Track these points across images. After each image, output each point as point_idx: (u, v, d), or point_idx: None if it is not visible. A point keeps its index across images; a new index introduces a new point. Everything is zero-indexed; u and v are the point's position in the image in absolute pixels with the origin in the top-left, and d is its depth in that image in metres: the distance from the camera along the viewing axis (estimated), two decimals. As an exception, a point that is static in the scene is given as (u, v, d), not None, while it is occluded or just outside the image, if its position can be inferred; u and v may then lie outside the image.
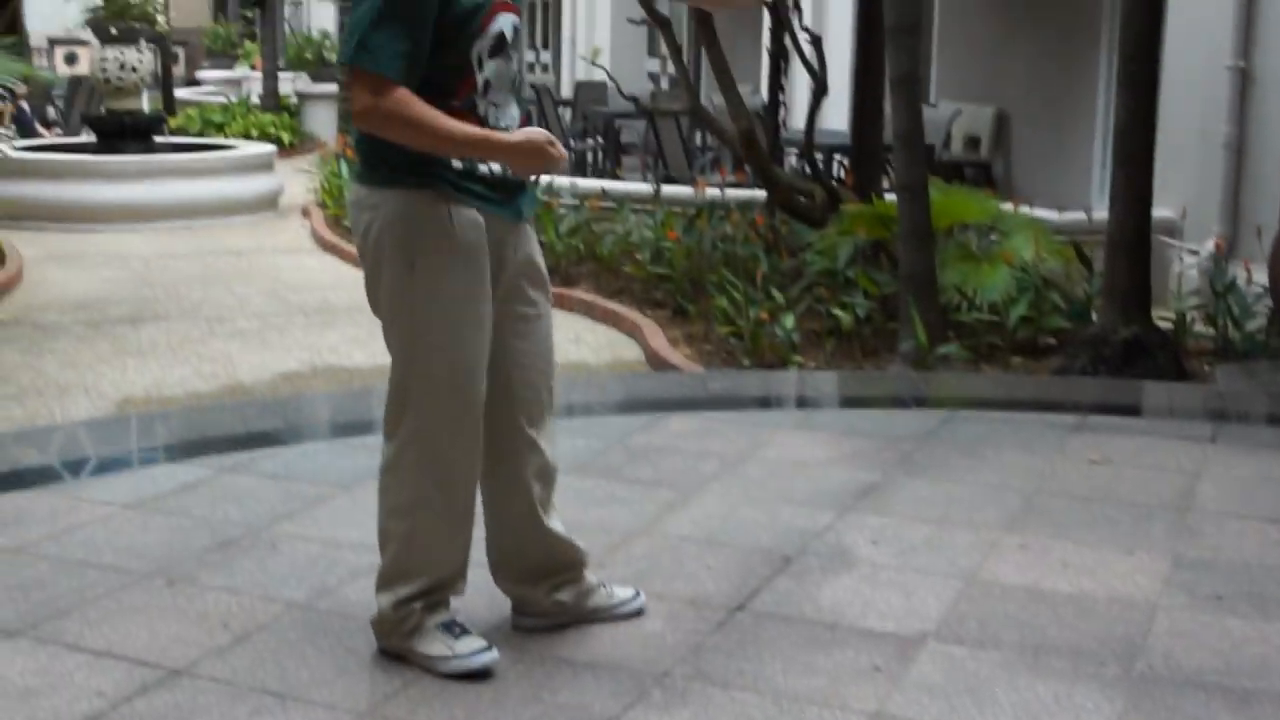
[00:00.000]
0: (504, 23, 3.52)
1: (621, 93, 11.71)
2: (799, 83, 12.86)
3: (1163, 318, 8.15)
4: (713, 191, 10.66)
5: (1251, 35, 9.59)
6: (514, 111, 3.60)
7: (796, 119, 13.70)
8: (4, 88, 8.55)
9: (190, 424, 6.18)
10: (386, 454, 3.62)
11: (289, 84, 23.24)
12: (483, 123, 3.49)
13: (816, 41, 9.61)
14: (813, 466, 5.46)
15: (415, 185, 3.46)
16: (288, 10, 33.87)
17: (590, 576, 3.93)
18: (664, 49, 11.78)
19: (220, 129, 19.82)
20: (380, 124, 3.36)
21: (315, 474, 5.25)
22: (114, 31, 14.43)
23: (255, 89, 23.32)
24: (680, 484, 5.19)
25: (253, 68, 27.08)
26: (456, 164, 3.48)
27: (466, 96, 3.49)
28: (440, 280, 3.46)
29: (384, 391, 3.58)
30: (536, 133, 3.49)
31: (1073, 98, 14.58)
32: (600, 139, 16.47)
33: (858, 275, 8.48)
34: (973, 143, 15.64)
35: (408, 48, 3.34)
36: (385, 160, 3.46)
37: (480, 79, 3.50)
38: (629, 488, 5.13)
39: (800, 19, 9.90)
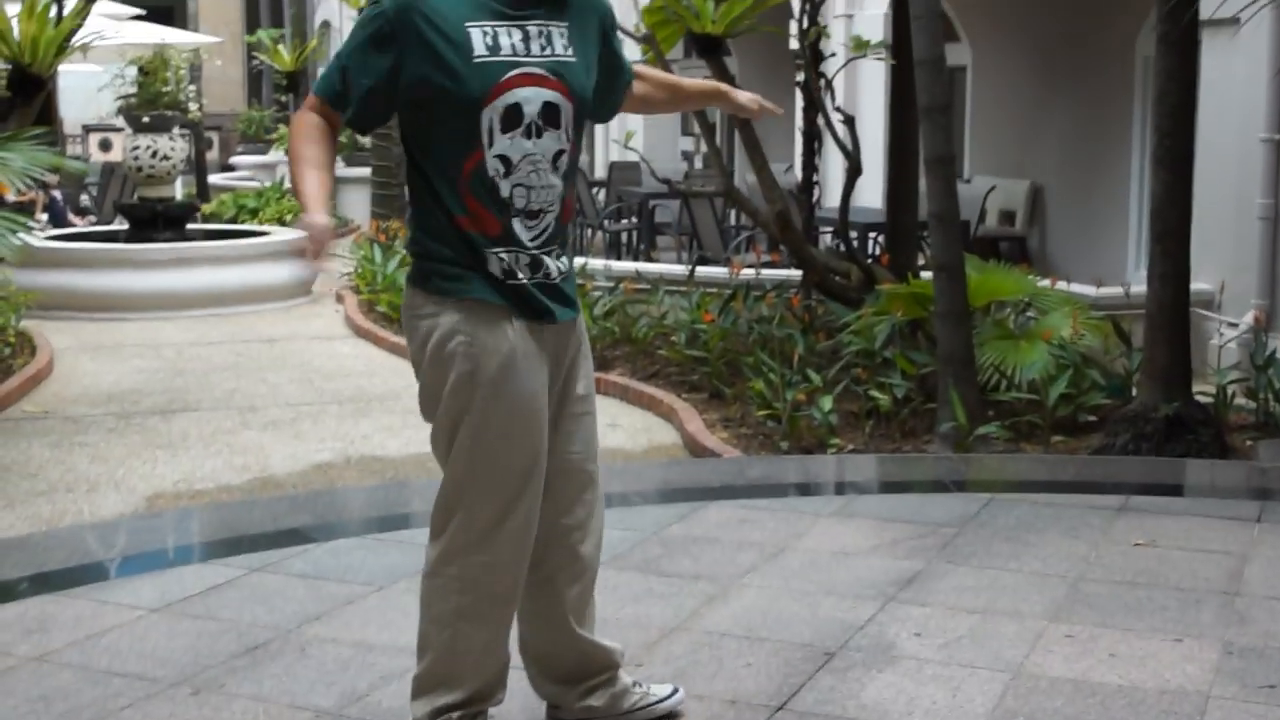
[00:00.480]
0: (525, 96, 3.41)
1: (655, 175, 11.67)
2: (833, 161, 12.82)
3: (1202, 393, 8.03)
4: (748, 272, 10.59)
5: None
6: (552, 195, 3.49)
7: (831, 197, 13.65)
8: (34, 179, 8.54)
9: (219, 521, 6.11)
10: (431, 558, 3.52)
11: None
12: (506, 206, 3.42)
13: (850, 121, 9.55)
14: (853, 556, 5.36)
15: (472, 295, 3.41)
16: (321, 94, 34.15)
17: (625, 677, 3.82)
18: (697, 127, 11.74)
19: (254, 214, 19.88)
20: (290, 131, 3.54)
21: (346, 572, 5.17)
22: (146, 119, 14.48)
23: (289, 172, 23.44)
24: (719, 576, 5.09)
25: (286, 151, 27.20)
26: (497, 272, 3.42)
27: (474, 173, 3.41)
28: (500, 390, 3.41)
29: (416, 484, 3.52)
30: (316, 227, 3.40)
31: (1107, 170, 14.52)
32: (635, 219, 16.45)
33: (895, 356, 8.39)
34: (1008, 217, 15.58)
35: (349, 79, 3.44)
36: (436, 271, 3.44)
37: (490, 155, 3.41)
38: (666, 582, 5.03)
39: (833, 98, 9.85)
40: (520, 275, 3.44)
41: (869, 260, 11.33)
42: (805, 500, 6.40)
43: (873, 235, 12.97)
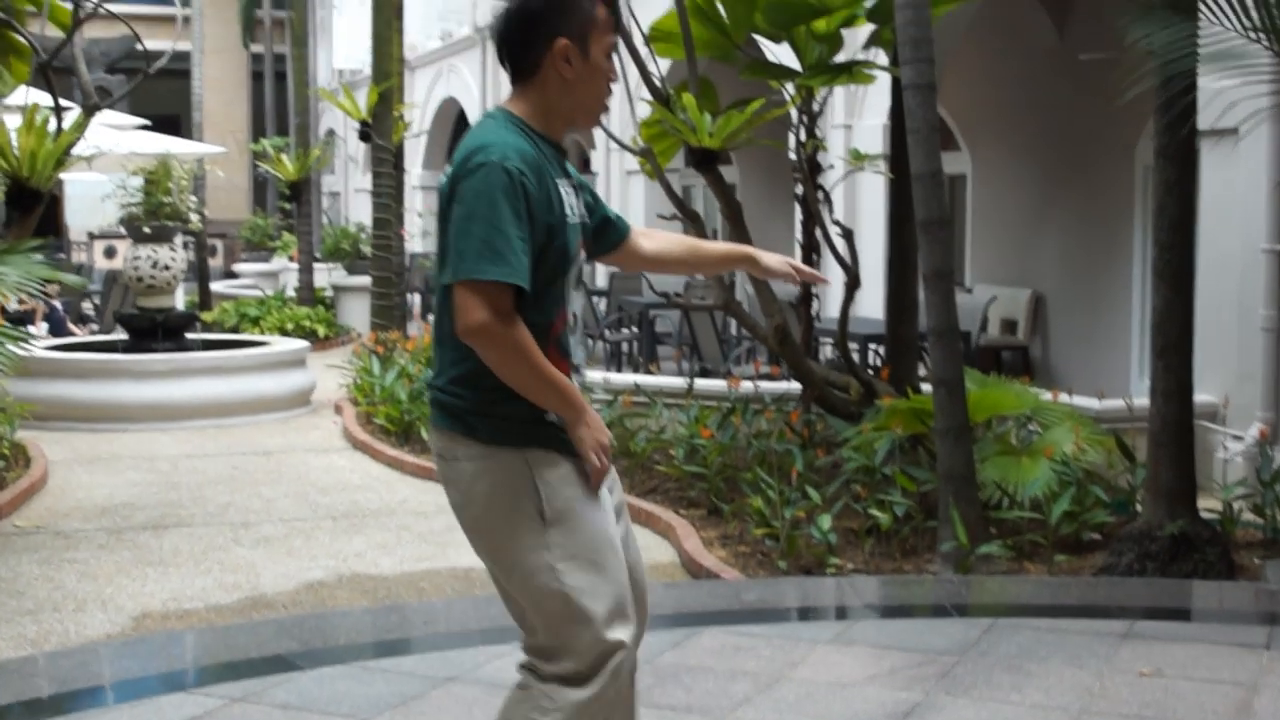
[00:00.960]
0: (580, 256, 3.51)
1: (652, 288, 11.63)
2: (831, 272, 12.78)
3: (1208, 509, 7.92)
4: (747, 384, 10.50)
5: (1288, 218, 9.47)
6: (582, 352, 3.53)
7: (830, 307, 13.61)
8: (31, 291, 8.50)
9: (203, 646, 5.99)
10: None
11: (325, 275, 23.38)
12: (568, 358, 3.42)
13: (848, 235, 9.51)
14: (850, 687, 5.22)
15: (525, 440, 3.37)
16: (325, 201, 34.35)
17: None
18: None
19: (255, 323, 19.88)
20: (491, 345, 3.24)
21: (330, 703, 5.04)
22: (147, 230, 14.47)
23: (292, 281, 23.46)
24: (711, 709, 4.96)
25: (290, 259, 27.30)
26: (553, 416, 3.38)
27: (562, 330, 3.39)
28: (573, 525, 3.36)
29: (406, 608, 3.42)
30: (600, 423, 3.39)
31: (1109, 278, 14.49)
32: (635, 329, 16.40)
33: (895, 473, 8.28)
34: (1010, 326, 15.54)
35: (516, 254, 3.23)
36: (490, 412, 3.36)
37: (570, 312, 3.41)
38: (658, 714, 4.90)
39: (831, 211, 9.82)
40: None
41: (870, 372, 11.25)
42: (803, 626, 6.28)
43: (873, 346, 12.90)
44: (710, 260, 4.05)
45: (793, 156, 9.84)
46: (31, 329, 17.20)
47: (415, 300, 22.03)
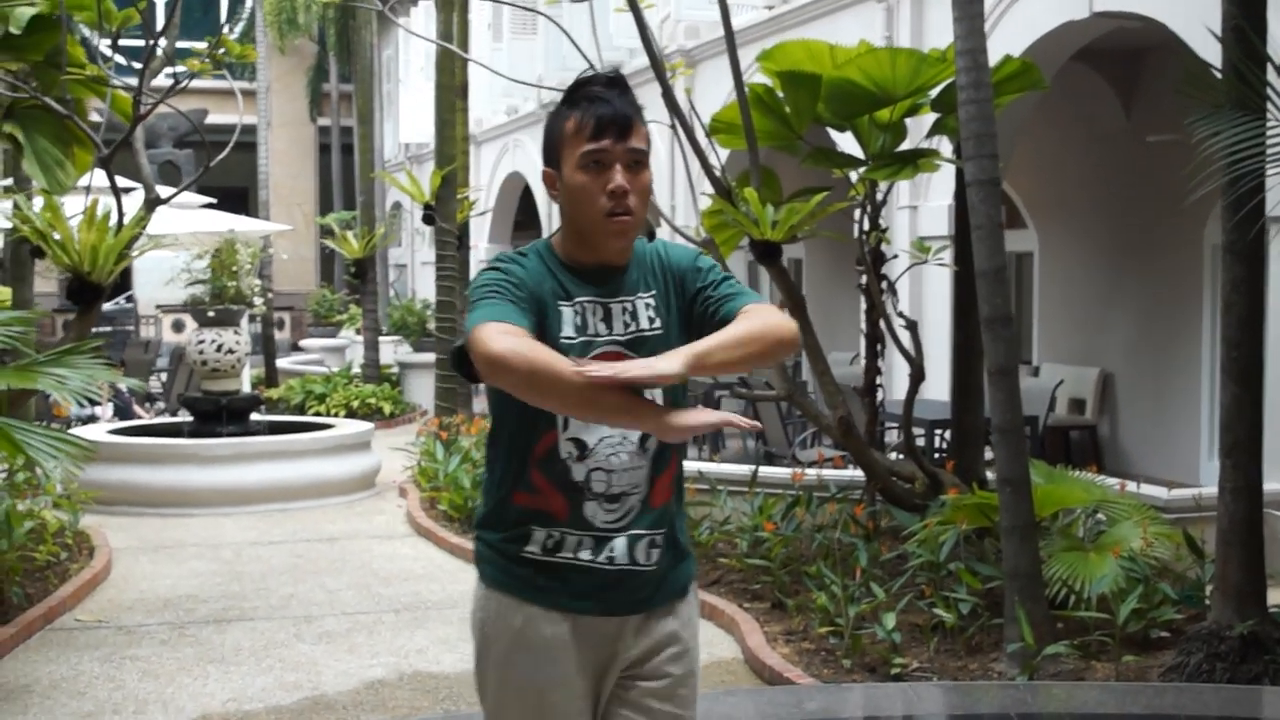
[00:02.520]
0: None
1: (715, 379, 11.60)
2: (897, 357, 12.72)
3: (1275, 606, 7.77)
4: (810, 474, 10.43)
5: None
6: (637, 477, 3.34)
7: (895, 391, 13.52)
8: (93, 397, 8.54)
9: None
10: None
11: (391, 350, 23.48)
12: (579, 489, 3.29)
13: (912, 327, 9.46)
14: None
15: (493, 583, 3.39)
16: (391, 274, 34.55)
17: None
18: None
19: (321, 400, 19.97)
20: (505, 370, 3.04)
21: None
22: (211, 314, 14.59)
23: (358, 355, 23.58)
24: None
25: (356, 332, 27.49)
26: (536, 548, 3.32)
27: (548, 454, 3.29)
28: (502, 683, 3.39)
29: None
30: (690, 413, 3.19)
31: (1177, 357, 14.37)
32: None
33: (960, 570, 8.18)
34: (1077, 405, 15.42)
35: (517, 309, 3.18)
36: (482, 555, 3.43)
37: (564, 438, 3.28)
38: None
39: (896, 301, 9.77)
40: (566, 552, 3.31)
41: (936, 456, 11.17)
42: (866, 738, 6.18)
43: (938, 431, 12.81)
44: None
45: (857, 244, 9.81)
46: (98, 410, 17.35)
47: (480, 380, 22.05)
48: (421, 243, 32.98)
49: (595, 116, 3.26)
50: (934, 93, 9.47)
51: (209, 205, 21.50)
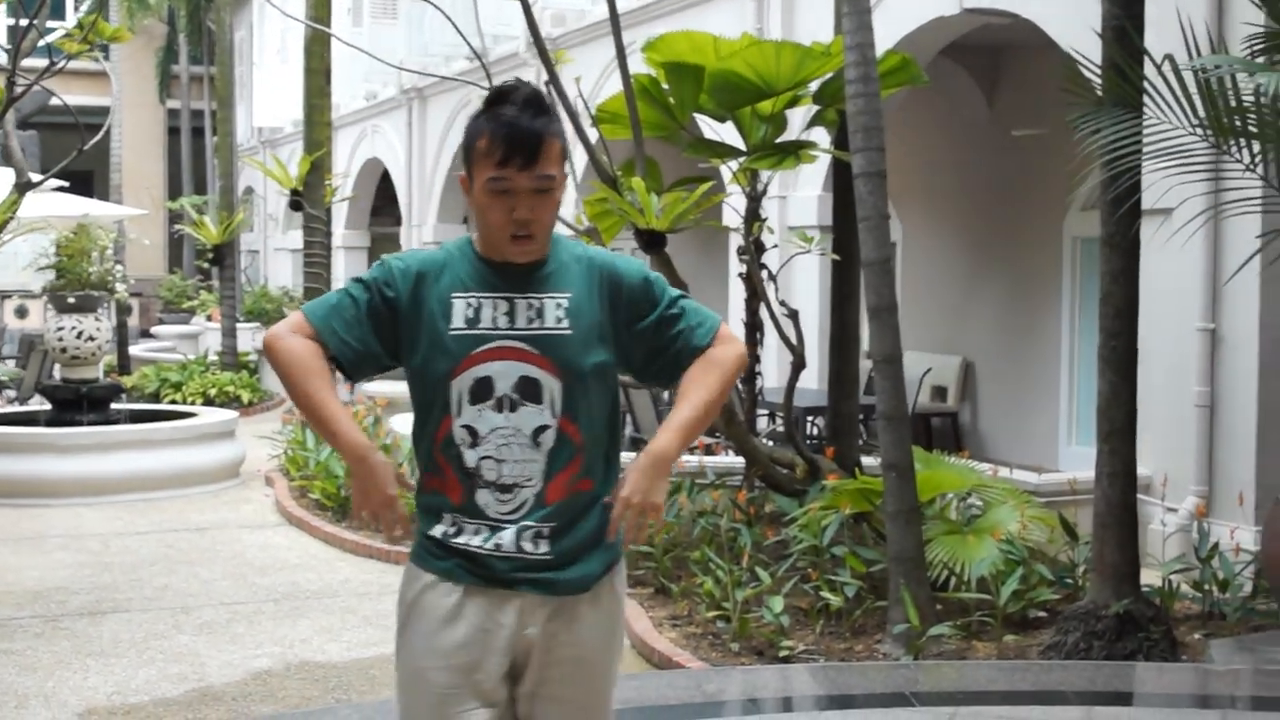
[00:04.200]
0: (497, 370, 3.37)
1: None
2: (771, 347, 12.85)
3: (1146, 584, 8.00)
4: (690, 460, 10.50)
5: (1218, 297, 9.63)
6: (530, 470, 3.40)
7: (768, 380, 13.65)
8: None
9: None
10: None
11: (248, 338, 23.16)
12: (472, 475, 3.38)
13: (794, 315, 9.57)
14: (823, 788, 5.22)
15: (411, 557, 3.52)
16: (244, 260, 34.06)
17: None
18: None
19: (178, 388, 19.63)
20: (267, 350, 3.44)
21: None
22: (71, 300, 14.29)
23: (213, 343, 23.20)
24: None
25: (208, 318, 27.07)
26: (435, 531, 3.43)
27: (445, 439, 3.39)
28: (403, 651, 3.51)
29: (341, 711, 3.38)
30: (381, 475, 3.38)
31: (1038, 345, 14.67)
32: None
33: (845, 555, 8.31)
34: (939, 392, 15.68)
35: (337, 313, 3.42)
36: (413, 534, 3.52)
37: (458, 424, 3.37)
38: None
39: (777, 290, 9.88)
40: (463, 538, 3.41)
41: (809, 442, 11.31)
42: (772, 718, 6.26)
43: (810, 418, 12.97)
44: None
45: (726, 230, 9.90)
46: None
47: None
48: (275, 229, 32.58)
49: (504, 142, 3.31)
50: (814, 85, 9.58)
51: (61, 189, 21.01)
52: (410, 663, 3.46)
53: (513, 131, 3.29)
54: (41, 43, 9.66)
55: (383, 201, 27.44)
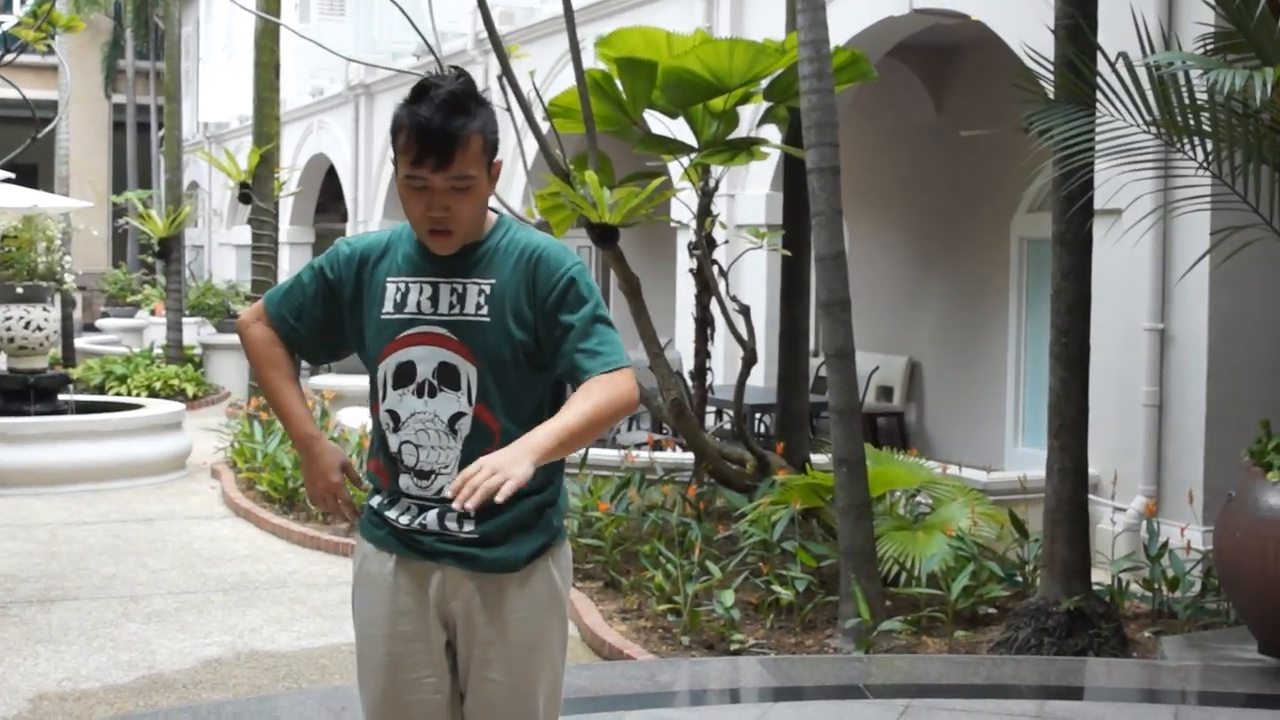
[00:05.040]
0: (419, 355, 3.39)
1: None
2: (726, 347, 12.90)
3: (1096, 581, 8.08)
4: (640, 455, 10.52)
5: (1168, 297, 9.72)
6: (446, 457, 3.40)
7: (717, 377, 13.69)
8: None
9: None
10: None
11: (194, 331, 23.02)
12: (395, 460, 3.45)
13: (745, 311, 9.61)
14: (778, 775, 5.26)
15: (359, 526, 3.62)
16: (188, 255, 33.86)
17: None
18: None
19: (123, 381, 19.51)
20: (239, 337, 3.67)
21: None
22: (20, 290, 14.19)
23: (157, 336, 23.06)
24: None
25: (152, 312, 26.90)
26: (373, 501, 3.53)
27: (378, 421, 3.49)
28: (356, 618, 3.62)
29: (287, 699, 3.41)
30: (324, 462, 3.57)
31: (984, 345, 14.76)
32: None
33: (796, 549, 8.35)
34: (885, 392, 15.75)
35: (288, 299, 3.58)
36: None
37: (384, 409, 3.43)
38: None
39: (728, 286, 9.92)
40: (393, 512, 3.48)
41: (758, 439, 11.34)
42: (722, 709, 6.30)
43: (758, 416, 13.02)
44: None
45: (677, 227, 9.92)
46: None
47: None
48: (219, 224, 32.40)
49: (417, 143, 3.29)
50: (766, 82, 9.62)
51: (8, 180, 20.82)
52: (361, 629, 3.56)
53: (425, 134, 3.27)
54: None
55: (327, 198, 27.33)
